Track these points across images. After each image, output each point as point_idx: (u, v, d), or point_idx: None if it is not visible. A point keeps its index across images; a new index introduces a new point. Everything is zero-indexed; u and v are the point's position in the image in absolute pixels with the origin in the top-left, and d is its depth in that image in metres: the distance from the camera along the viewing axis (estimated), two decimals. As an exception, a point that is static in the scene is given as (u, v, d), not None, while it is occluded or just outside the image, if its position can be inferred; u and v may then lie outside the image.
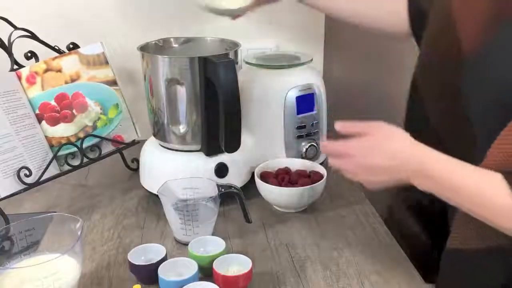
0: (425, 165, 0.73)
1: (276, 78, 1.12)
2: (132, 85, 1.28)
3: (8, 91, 1.02)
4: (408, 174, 0.74)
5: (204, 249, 0.86)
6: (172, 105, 1.01)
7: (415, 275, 0.84)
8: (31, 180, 1.00)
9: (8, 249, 0.78)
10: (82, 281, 0.80)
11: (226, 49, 1.07)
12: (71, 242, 0.73)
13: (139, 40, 1.06)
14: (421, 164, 0.74)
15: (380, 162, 0.76)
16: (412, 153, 0.75)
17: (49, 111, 1.07)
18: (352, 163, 0.79)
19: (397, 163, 0.75)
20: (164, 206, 0.92)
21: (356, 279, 0.83)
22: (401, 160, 0.75)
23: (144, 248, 0.85)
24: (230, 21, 1.09)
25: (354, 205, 1.05)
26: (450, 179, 0.72)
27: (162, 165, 1.05)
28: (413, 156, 0.75)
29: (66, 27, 1.25)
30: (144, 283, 0.81)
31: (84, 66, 1.11)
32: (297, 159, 1.11)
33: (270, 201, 1.04)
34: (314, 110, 1.14)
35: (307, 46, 1.37)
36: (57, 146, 1.06)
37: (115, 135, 1.14)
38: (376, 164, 0.77)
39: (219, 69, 0.91)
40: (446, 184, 0.73)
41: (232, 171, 1.04)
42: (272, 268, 0.86)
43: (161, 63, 0.99)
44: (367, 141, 0.78)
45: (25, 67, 1.06)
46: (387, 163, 0.76)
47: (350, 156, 0.79)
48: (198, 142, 1.03)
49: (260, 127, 1.12)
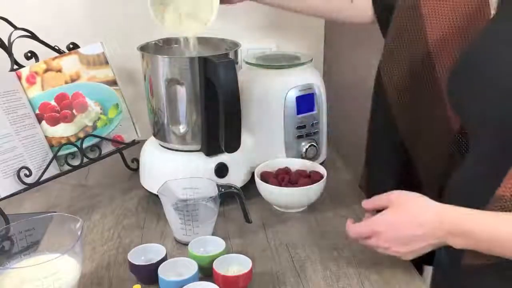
0: (455, 225, 0.72)
1: (276, 78, 1.12)
2: (132, 85, 1.28)
3: (8, 91, 1.02)
4: (442, 235, 0.73)
5: (204, 249, 0.86)
6: (172, 105, 1.01)
7: (415, 275, 0.84)
8: (31, 180, 1.00)
9: (8, 249, 0.78)
10: (82, 281, 0.80)
11: (226, 49, 1.07)
12: (71, 242, 0.73)
13: (139, 40, 1.06)
14: (450, 224, 0.73)
15: (411, 232, 0.75)
16: (438, 214, 0.74)
17: (49, 111, 1.07)
18: (382, 239, 0.78)
19: (427, 228, 0.74)
20: (164, 206, 0.92)
21: (356, 279, 0.83)
22: (430, 224, 0.74)
23: (144, 248, 0.85)
24: (230, 21, 1.09)
25: (354, 205, 1.05)
26: (484, 231, 0.71)
27: (162, 165, 1.05)
28: (440, 217, 0.74)
29: (66, 27, 1.25)
30: (144, 283, 0.81)
31: (84, 66, 1.11)
32: (297, 159, 1.11)
33: (270, 201, 1.04)
34: (314, 110, 1.14)
35: (307, 46, 1.37)
36: (57, 146, 1.06)
37: (115, 135, 1.14)
38: (407, 235, 0.75)
39: (219, 69, 0.91)
40: (482, 237, 0.71)
41: (232, 171, 1.04)
42: (272, 268, 0.86)
43: (161, 63, 0.99)
44: (392, 215, 0.77)
45: (25, 67, 1.06)
46: (418, 231, 0.74)
47: (378, 233, 0.78)
48: (198, 142, 1.03)
49: (260, 127, 1.12)
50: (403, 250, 0.77)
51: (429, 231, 0.74)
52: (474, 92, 0.75)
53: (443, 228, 0.73)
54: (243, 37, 1.13)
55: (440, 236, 0.73)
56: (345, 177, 1.17)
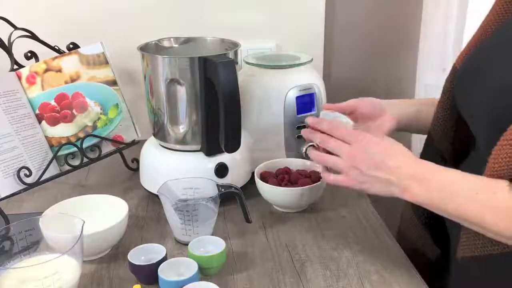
0: (422, 169, 0.73)
1: (276, 78, 1.12)
2: (132, 85, 1.28)
3: (8, 91, 1.02)
4: (406, 175, 0.73)
5: (204, 249, 0.86)
6: (172, 105, 1.01)
7: (415, 275, 0.84)
8: (31, 180, 1.00)
9: (8, 249, 0.78)
10: (82, 281, 0.80)
11: (226, 49, 1.07)
12: (71, 242, 0.73)
13: (139, 40, 1.06)
14: (419, 166, 0.74)
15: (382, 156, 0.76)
16: (412, 156, 0.75)
17: (49, 111, 1.07)
18: (350, 148, 0.78)
19: (398, 161, 0.75)
20: (164, 206, 0.92)
21: (356, 279, 0.83)
22: (403, 160, 0.75)
23: (144, 248, 0.85)
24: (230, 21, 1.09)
25: (354, 205, 1.05)
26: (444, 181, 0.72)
27: (162, 165, 1.05)
28: (412, 159, 0.75)
29: (66, 27, 1.25)
30: (144, 283, 0.81)
31: (84, 66, 1.11)
32: (297, 159, 1.11)
33: (270, 201, 1.04)
34: (314, 110, 1.14)
35: (307, 46, 1.36)
36: (57, 146, 1.06)
37: (115, 135, 1.14)
38: (377, 155, 0.76)
39: (219, 69, 0.91)
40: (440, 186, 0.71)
41: (232, 171, 1.04)
42: (272, 268, 0.86)
43: (161, 63, 0.99)
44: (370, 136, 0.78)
45: (25, 67, 1.06)
46: (390, 160, 0.75)
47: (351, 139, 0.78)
48: (198, 142, 1.03)
49: (260, 127, 1.12)
50: (366, 170, 0.76)
51: (399, 165, 0.74)
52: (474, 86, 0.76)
53: (410, 168, 0.74)
54: (243, 37, 1.13)
55: (403, 176, 0.74)
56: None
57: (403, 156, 0.76)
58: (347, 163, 0.79)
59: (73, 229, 0.77)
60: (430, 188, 0.72)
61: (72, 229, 0.78)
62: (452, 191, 0.71)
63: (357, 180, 0.78)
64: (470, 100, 0.78)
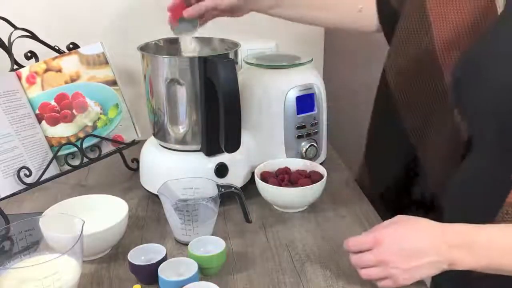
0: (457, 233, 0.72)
1: (276, 78, 1.12)
2: (132, 85, 1.28)
3: (8, 91, 1.02)
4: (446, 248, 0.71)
5: (204, 249, 0.86)
6: (172, 105, 1.01)
7: (415, 275, 0.84)
8: (31, 180, 1.00)
9: (8, 249, 0.78)
10: (82, 281, 0.80)
11: (226, 49, 1.07)
12: (71, 242, 0.73)
13: (139, 40, 1.06)
14: (453, 233, 0.72)
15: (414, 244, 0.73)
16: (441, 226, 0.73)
17: (49, 111, 1.07)
18: (383, 251, 0.74)
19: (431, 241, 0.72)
20: (164, 206, 0.92)
21: (356, 279, 0.83)
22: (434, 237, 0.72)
23: (144, 248, 0.85)
24: (230, 21, 1.09)
25: (354, 205, 1.05)
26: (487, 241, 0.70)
27: (162, 165, 1.05)
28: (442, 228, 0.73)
29: (66, 27, 1.25)
30: (144, 283, 0.81)
31: (84, 66, 1.11)
32: (297, 159, 1.11)
33: (270, 201, 1.04)
34: (314, 110, 1.14)
35: (307, 46, 1.37)
36: (57, 146, 1.06)
37: (115, 135, 1.14)
38: (410, 247, 0.73)
39: (219, 69, 0.91)
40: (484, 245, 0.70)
41: (232, 171, 1.04)
42: (272, 268, 0.86)
43: (161, 63, 0.99)
44: (395, 227, 0.75)
45: (25, 67, 1.06)
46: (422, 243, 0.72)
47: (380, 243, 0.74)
48: (198, 142, 1.03)
49: (260, 127, 1.12)
50: (403, 266, 0.73)
51: (433, 243, 0.72)
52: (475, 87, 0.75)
53: (446, 240, 0.71)
54: (243, 37, 1.13)
55: (443, 251, 0.71)
56: (345, 177, 1.17)
57: (426, 230, 0.74)
58: (384, 269, 0.75)
59: (73, 229, 0.77)
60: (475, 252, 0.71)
61: (72, 229, 0.78)
62: (497, 247, 0.70)
63: (403, 277, 0.74)
64: (470, 100, 0.78)
